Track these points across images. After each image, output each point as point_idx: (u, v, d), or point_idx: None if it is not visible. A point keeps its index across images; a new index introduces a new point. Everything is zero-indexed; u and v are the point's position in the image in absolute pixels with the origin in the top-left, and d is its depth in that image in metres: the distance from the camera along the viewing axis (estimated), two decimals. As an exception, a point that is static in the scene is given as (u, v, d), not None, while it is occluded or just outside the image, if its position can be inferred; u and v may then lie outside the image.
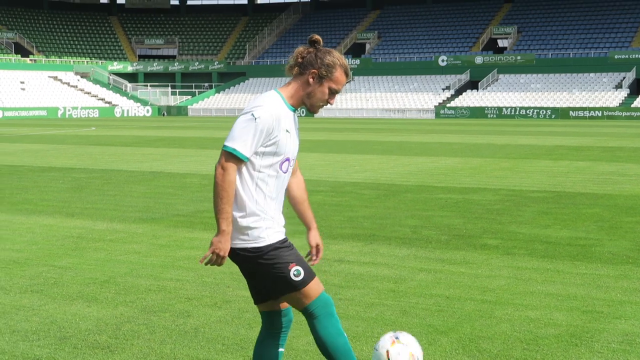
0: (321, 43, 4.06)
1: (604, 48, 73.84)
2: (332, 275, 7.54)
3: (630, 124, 52.03)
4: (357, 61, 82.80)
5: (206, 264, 4.04)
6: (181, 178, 16.74)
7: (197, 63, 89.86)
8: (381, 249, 8.86)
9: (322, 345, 4.09)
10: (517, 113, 66.47)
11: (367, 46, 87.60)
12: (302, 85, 4.03)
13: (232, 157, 3.90)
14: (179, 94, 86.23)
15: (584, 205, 12.27)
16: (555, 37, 77.94)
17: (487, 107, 67.77)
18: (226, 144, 3.90)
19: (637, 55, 70.52)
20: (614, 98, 66.78)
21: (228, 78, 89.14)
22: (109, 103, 78.62)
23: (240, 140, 3.88)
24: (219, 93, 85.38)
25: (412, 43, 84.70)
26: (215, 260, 3.97)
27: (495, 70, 75.45)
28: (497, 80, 75.05)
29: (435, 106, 71.45)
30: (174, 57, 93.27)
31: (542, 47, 76.62)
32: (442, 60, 78.66)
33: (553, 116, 65.05)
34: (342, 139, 33.25)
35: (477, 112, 67.99)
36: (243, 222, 3.98)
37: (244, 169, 3.97)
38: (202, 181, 16.07)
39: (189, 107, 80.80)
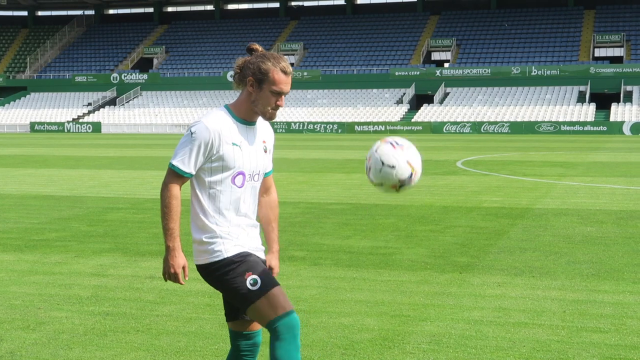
0: (259, 50, 3.96)
1: (386, 65, 77.31)
2: (146, 292, 7.51)
3: (411, 138, 54.22)
4: (145, 76, 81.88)
5: (172, 280, 4.00)
6: (-31, 198, 15.93)
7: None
8: (191, 265, 8.82)
9: None
10: (305, 128, 68.09)
11: (155, 61, 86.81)
12: (246, 95, 3.93)
13: (173, 174, 3.89)
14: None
15: (380, 216, 12.86)
16: (340, 54, 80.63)
17: (276, 122, 68.96)
18: (170, 161, 3.89)
19: (415, 72, 74.41)
20: (396, 113, 70.01)
21: (8, 92, 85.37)
22: None
23: (179, 156, 3.86)
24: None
25: (200, 58, 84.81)
26: (170, 278, 3.93)
27: (283, 85, 76.83)
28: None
29: (225, 121, 71.76)
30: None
31: (327, 64, 79.07)
32: (231, 76, 78.97)
33: (340, 130, 67.20)
34: (135, 155, 32.78)
35: (267, 127, 68.92)
36: (200, 238, 3.94)
37: (197, 187, 3.93)
38: (-8, 201, 15.38)
39: (-35, 123, 76.65)
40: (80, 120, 75.57)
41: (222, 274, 3.92)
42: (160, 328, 6.30)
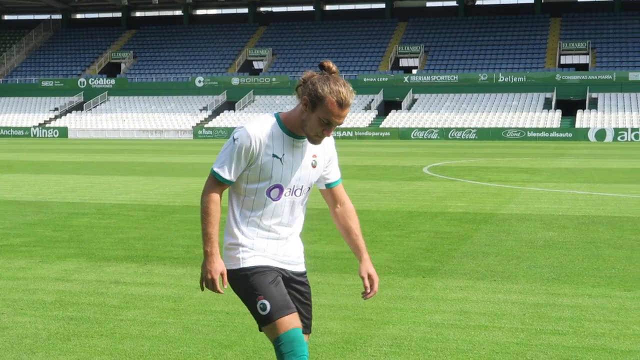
0: (332, 69, 3.72)
1: (354, 71, 77.57)
2: (110, 297, 7.52)
3: (379, 144, 54.94)
4: (112, 81, 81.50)
5: (205, 288, 3.89)
6: None
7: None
8: (156, 269, 8.92)
9: None
10: (273, 133, 67.97)
11: (123, 66, 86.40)
12: (299, 111, 3.75)
13: (213, 179, 3.81)
14: None
15: (345, 221, 12.91)
16: (308, 60, 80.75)
17: (245, 128, 68.73)
18: (212, 166, 3.81)
19: (383, 79, 74.79)
20: (364, 119, 70.25)
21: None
22: None
23: (220, 162, 3.77)
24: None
25: (168, 63, 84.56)
26: (207, 284, 3.83)
27: (252, 91, 77.00)
28: (253, 101, 76.57)
29: (193, 127, 71.71)
30: None
31: (296, 70, 79.15)
32: (199, 81, 79.15)
33: (308, 136, 67.21)
34: (102, 160, 32.62)
35: (235, 133, 68.93)
36: (225, 242, 3.92)
37: (233, 191, 3.87)
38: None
39: None
40: (47, 125, 75.01)
41: (237, 287, 3.89)
42: (124, 332, 6.32)
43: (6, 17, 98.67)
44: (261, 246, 3.88)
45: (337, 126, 3.75)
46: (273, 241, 3.91)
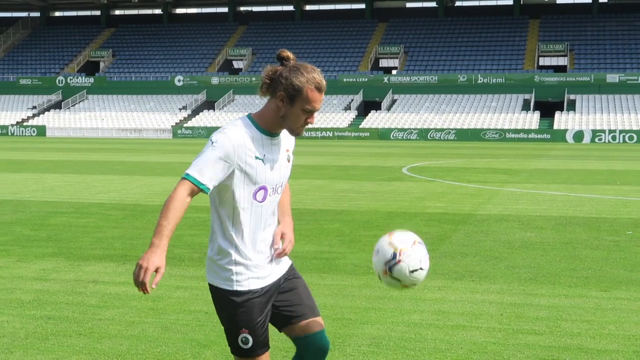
0: (291, 59, 3.68)
1: (334, 71, 77.62)
2: (89, 296, 7.50)
3: (358, 144, 55.01)
4: (91, 79, 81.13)
5: (136, 280, 3.51)
6: None
7: None
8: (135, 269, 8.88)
9: None
10: (253, 133, 67.84)
11: (102, 64, 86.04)
12: (274, 109, 3.66)
13: (186, 184, 3.58)
14: None
15: (325, 221, 12.97)
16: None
17: (224, 127, 68.58)
18: (186, 171, 3.61)
19: (363, 79, 74.88)
20: (344, 119, 70.31)
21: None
22: None
23: (196, 166, 3.58)
24: (-60, 111, 79.98)
25: (147, 62, 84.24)
26: (138, 273, 3.46)
27: (231, 90, 76.86)
28: (233, 100, 76.44)
29: (172, 126, 71.48)
30: None
31: (275, 69, 78.93)
32: (179, 80, 78.91)
33: (287, 136, 67.14)
34: (80, 159, 32.46)
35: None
36: (214, 258, 3.77)
37: (217, 204, 3.72)
38: None
39: None
40: (25, 124, 74.51)
41: (223, 308, 3.77)
42: (103, 332, 6.31)
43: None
44: (255, 261, 3.75)
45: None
46: (264, 251, 3.80)
